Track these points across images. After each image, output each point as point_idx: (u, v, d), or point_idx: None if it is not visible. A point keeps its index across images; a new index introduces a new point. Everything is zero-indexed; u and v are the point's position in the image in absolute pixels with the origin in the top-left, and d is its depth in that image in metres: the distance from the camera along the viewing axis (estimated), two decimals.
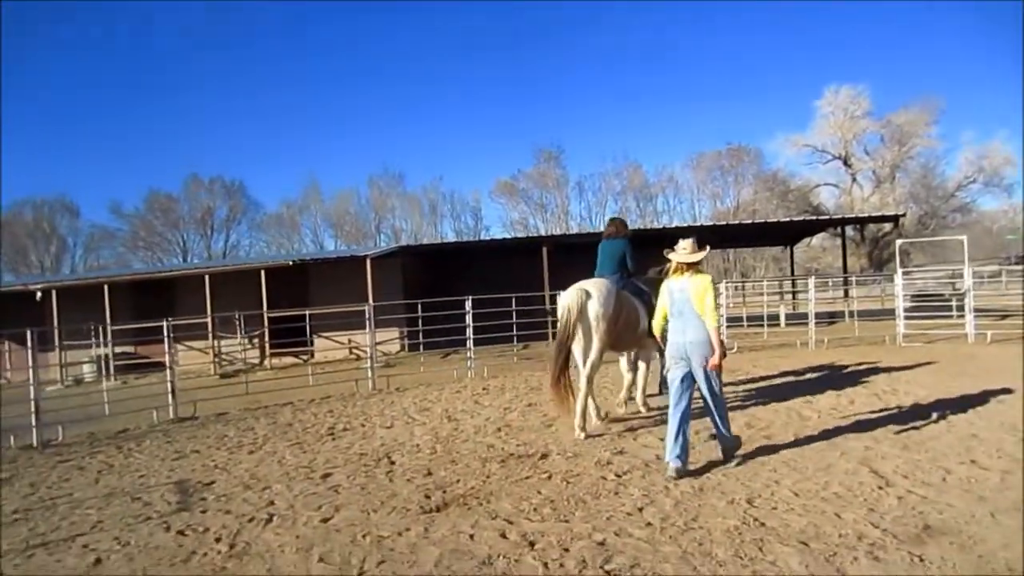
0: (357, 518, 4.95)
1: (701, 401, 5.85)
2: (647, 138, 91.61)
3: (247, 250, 67.12)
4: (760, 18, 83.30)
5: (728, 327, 15.41)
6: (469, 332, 13.03)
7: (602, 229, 8.79)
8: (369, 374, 12.13)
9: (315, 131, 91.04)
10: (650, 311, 7.04)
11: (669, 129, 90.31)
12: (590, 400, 7.33)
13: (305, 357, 19.26)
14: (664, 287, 5.97)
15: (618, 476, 5.55)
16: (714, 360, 5.59)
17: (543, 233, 46.03)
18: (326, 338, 19.64)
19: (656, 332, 6.27)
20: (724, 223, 30.89)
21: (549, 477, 5.63)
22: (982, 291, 18.62)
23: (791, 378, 10.39)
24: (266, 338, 18.56)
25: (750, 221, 26.57)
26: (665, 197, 67.41)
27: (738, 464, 5.74)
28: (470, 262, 23.30)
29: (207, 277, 18.50)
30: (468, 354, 13.06)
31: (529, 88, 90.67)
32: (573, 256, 23.05)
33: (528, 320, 15.38)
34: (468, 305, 12.93)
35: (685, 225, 27.03)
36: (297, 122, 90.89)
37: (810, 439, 6.44)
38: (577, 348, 7.17)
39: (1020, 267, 30.09)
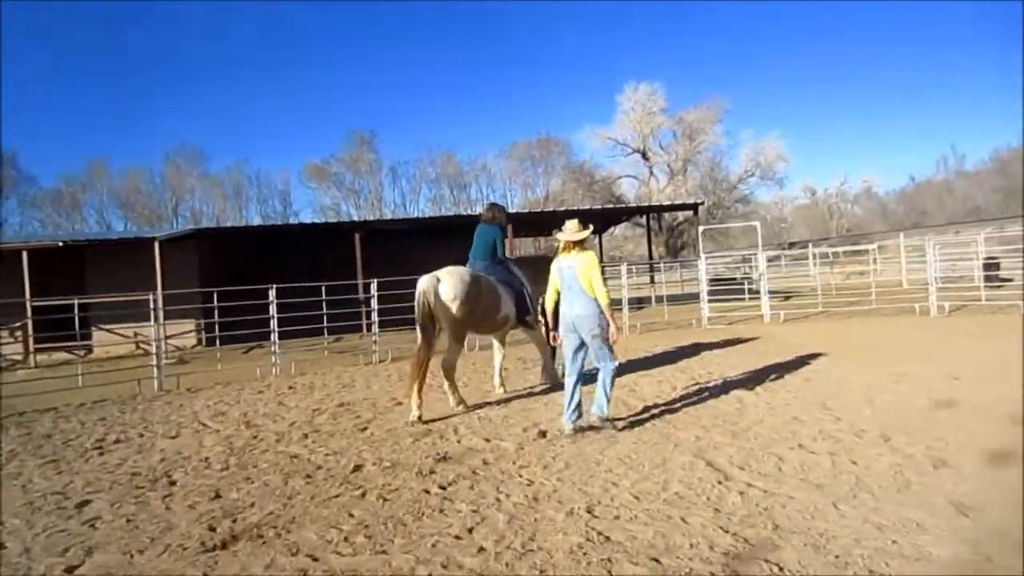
0: (115, 563, 3.88)
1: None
2: (461, 127, 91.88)
3: (16, 229, 58.59)
4: (572, 12, 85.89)
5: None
6: (273, 324, 11.75)
7: (416, 216, 8.54)
8: (155, 372, 10.51)
9: (103, 100, 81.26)
10: (518, 295, 8.03)
11: (483, 119, 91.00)
12: (447, 384, 7.64)
13: (81, 352, 16.69)
14: (554, 265, 6.47)
15: (443, 488, 4.84)
16: (612, 332, 6.13)
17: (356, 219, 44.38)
18: (107, 331, 17.17)
19: (548, 307, 6.85)
20: (537, 211, 31.27)
21: (363, 494, 4.81)
22: (768, 275, 20.12)
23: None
24: (30, 330, 15.81)
25: (564, 209, 26.93)
26: (479, 185, 67.85)
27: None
28: (277, 249, 21.58)
29: None
30: (273, 348, 11.79)
31: (342, 69, 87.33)
32: (388, 242, 22.28)
33: (341, 311, 14.10)
34: (272, 294, 11.63)
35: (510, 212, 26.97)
36: (81, 89, 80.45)
37: (641, 431, 6.16)
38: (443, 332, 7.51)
39: (794, 252, 33.47)
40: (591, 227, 6.62)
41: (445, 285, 7.33)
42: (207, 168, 65.54)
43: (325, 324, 13.27)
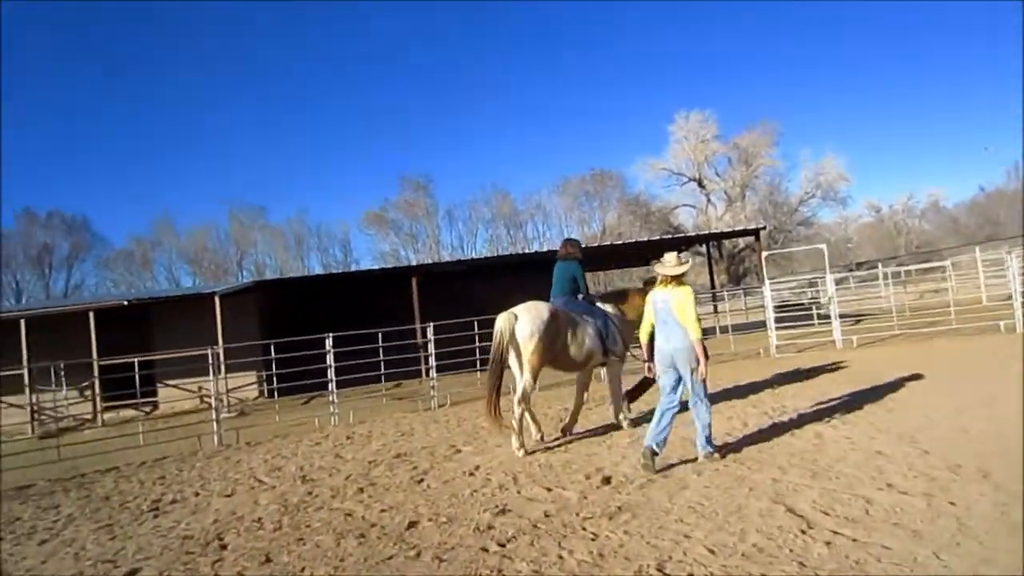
0: None
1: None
2: (514, 166, 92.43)
3: (92, 290, 61.14)
4: (618, 44, 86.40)
5: None
6: (331, 373, 11.72)
7: (473, 256, 8.56)
8: (215, 427, 10.55)
9: (165, 161, 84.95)
10: (601, 330, 7.92)
11: (535, 157, 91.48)
12: (528, 418, 7.67)
13: (147, 409, 17.03)
14: (649, 298, 6.52)
15: (501, 545, 4.54)
16: (701, 369, 6.09)
17: (414, 263, 44.96)
18: (173, 386, 17.50)
19: (642, 340, 6.65)
20: (594, 246, 30.98)
21: (418, 554, 4.55)
22: (837, 298, 19.28)
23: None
24: (97, 389, 16.21)
25: (621, 242, 26.58)
26: (534, 223, 67.84)
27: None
28: (336, 297, 21.77)
29: (23, 322, 16.00)
30: (331, 398, 11.73)
31: (392, 115, 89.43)
32: (446, 285, 22.27)
33: (399, 356, 14.05)
34: (328, 343, 11.61)
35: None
36: (144, 150, 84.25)
37: (712, 475, 5.75)
38: (515, 370, 7.53)
39: (863, 273, 32.24)
40: (689, 261, 6.71)
41: (522, 322, 7.42)
42: (268, 220, 67.35)
43: (383, 371, 13.08)
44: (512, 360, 7.47)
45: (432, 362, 12.65)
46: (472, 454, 7.70)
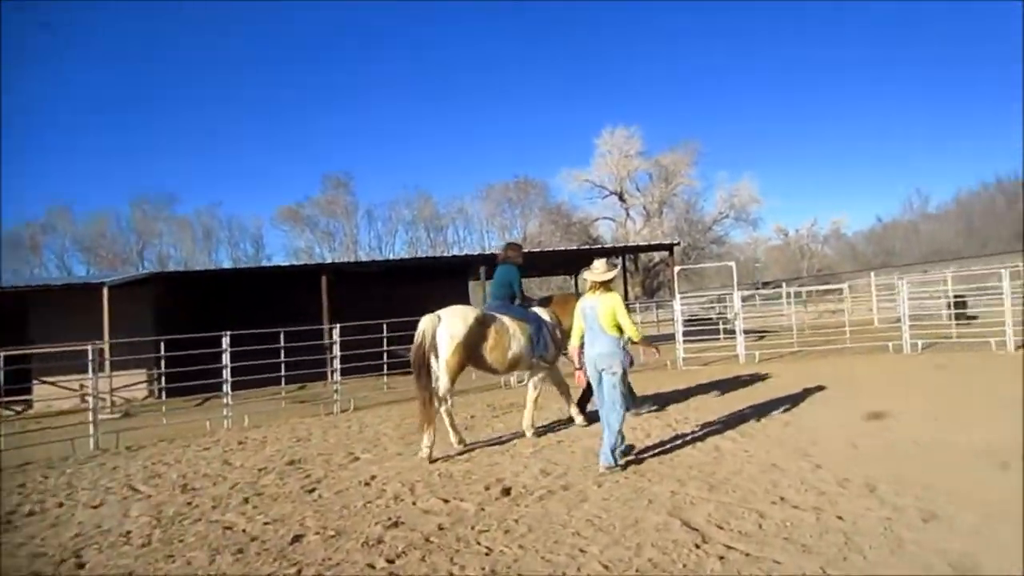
0: None
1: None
2: (438, 169, 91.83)
3: None
4: (544, 55, 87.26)
5: None
6: (226, 374, 11.11)
7: (392, 258, 8.38)
8: (91, 429, 9.76)
9: (69, 143, 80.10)
10: (535, 336, 7.97)
11: (460, 161, 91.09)
12: (449, 417, 7.69)
13: (19, 408, 15.70)
14: (579, 304, 6.66)
15: (390, 562, 4.29)
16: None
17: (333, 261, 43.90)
18: (51, 383, 16.23)
19: (573, 346, 6.83)
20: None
21: (298, 572, 4.23)
22: (743, 314, 19.87)
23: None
24: None
25: (540, 250, 26.66)
26: (455, 227, 67.58)
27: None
28: (243, 293, 20.82)
29: None
30: (225, 400, 11.13)
31: (315, 111, 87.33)
32: (360, 286, 21.69)
33: (304, 358, 13.42)
34: (225, 341, 11.01)
35: (476, 254, 26.56)
36: (42, 129, 79.21)
37: (612, 487, 5.67)
38: (435, 370, 7.56)
39: (768, 291, 33.46)
40: (617, 268, 6.99)
41: (445, 324, 7.52)
42: (176, 211, 64.42)
43: (283, 373, 12.45)
44: (433, 361, 7.51)
45: (336, 364, 12.21)
46: (370, 462, 7.40)
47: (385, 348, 13.38)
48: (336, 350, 12.25)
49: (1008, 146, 76.26)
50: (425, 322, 7.55)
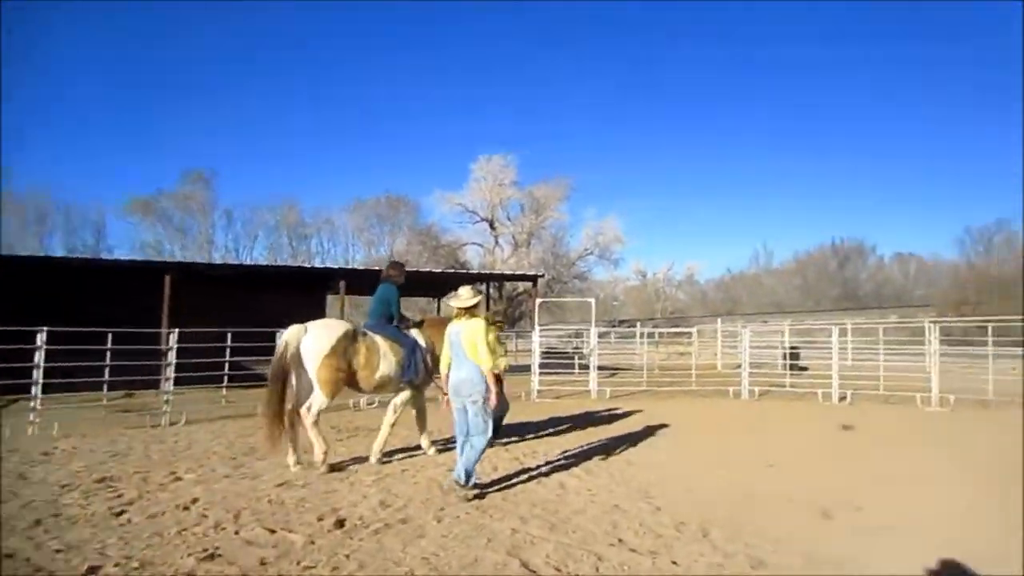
0: None
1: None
2: (307, 178, 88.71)
3: None
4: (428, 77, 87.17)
5: None
6: (37, 374, 9.94)
7: (246, 262, 7.81)
8: None
9: None
10: (408, 357, 7.79)
11: (330, 172, 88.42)
12: (319, 439, 7.38)
13: None
14: (447, 330, 6.63)
15: None
16: (490, 398, 6.27)
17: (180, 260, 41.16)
18: None
19: (442, 372, 6.82)
20: (379, 269, 30.38)
21: None
22: (598, 350, 20.43)
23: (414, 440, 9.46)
24: None
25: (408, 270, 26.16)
26: (320, 238, 65.50)
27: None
28: (73, 287, 18.93)
29: None
30: (33, 404, 9.95)
31: (177, 103, 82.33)
32: (211, 290, 20.34)
33: (138, 363, 12.17)
34: (40, 338, 9.87)
35: (338, 267, 25.69)
36: None
37: (452, 523, 5.47)
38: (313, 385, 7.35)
39: (623, 329, 34.73)
40: (482, 294, 7.01)
41: (311, 337, 7.36)
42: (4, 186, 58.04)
43: (107, 378, 11.33)
44: (292, 377, 7.33)
45: (170, 373, 11.26)
46: (194, 483, 6.78)
47: (228, 359, 12.55)
48: (172, 357, 11.32)
49: (846, 211, 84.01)
50: (289, 333, 7.35)
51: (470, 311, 6.50)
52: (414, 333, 8.16)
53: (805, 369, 19.24)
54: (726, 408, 13.45)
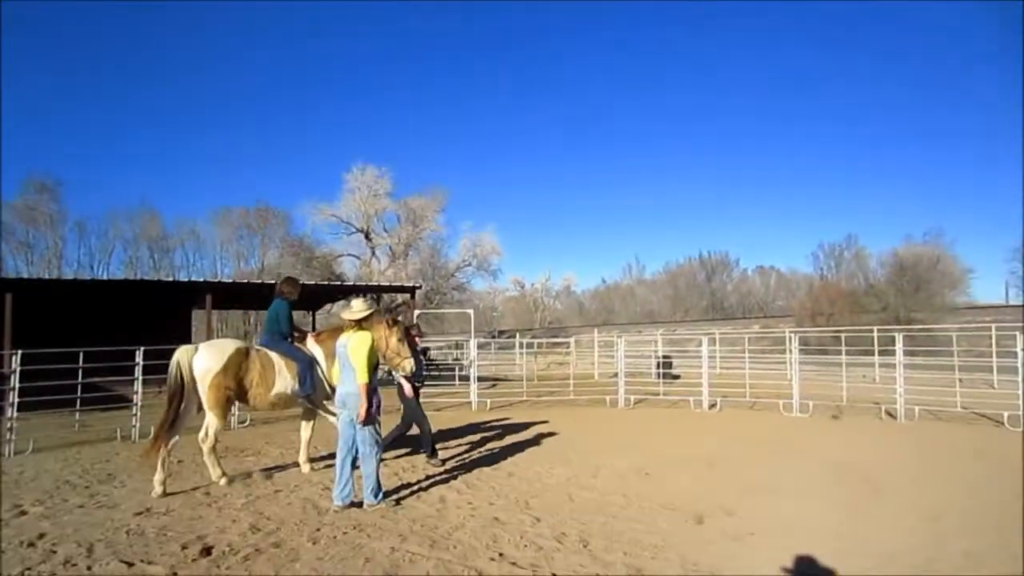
0: None
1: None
2: (167, 186, 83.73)
3: None
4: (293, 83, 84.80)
5: None
6: None
7: (105, 278, 7.38)
8: None
9: None
10: (302, 375, 7.65)
11: (194, 179, 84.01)
12: (215, 464, 7.46)
13: None
14: (337, 343, 6.64)
15: None
16: (360, 412, 6.20)
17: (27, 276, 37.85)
18: None
19: (330, 383, 7.17)
20: (248, 282, 29.07)
21: None
22: (478, 361, 20.46)
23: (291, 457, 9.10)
24: None
25: (275, 282, 25.22)
26: (185, 251, 61.98)
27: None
28: None
29: None
30: None
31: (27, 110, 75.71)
32: (61, 308, 18.73)
33: None
34: None
35: (203, 280, 24.35)
36: None
37: (329, 544, 5.27)
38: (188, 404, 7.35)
39: (503, 340, 35.03)
40: (374, 307, 6.94)
41: (201, 356, 7.36)
42: None
43: None
44: (189, 395, 7.35)
45: (13, 398, 10.22)
46: (41, 517, 6.19)
47: (80, 380, 11.57)
48: (15, 380, 10.30)
49: (712, 226, 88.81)
50: (180, 353, 7.36)
51: (359, 323, 6.51)
52: (311, 346, 8.01)
53: (678, 377, 20.06)
54: (603, 417, 13.77)
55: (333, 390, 7.77)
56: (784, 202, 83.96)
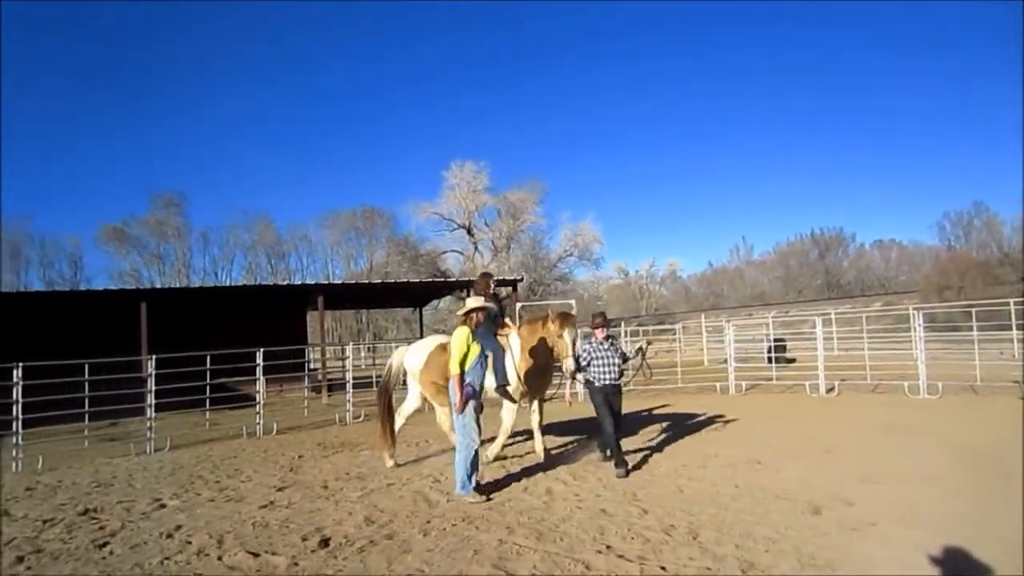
0: None
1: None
2: (280, 193, 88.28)
3: None
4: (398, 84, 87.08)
5: (356, 391, 14.15)
6: (16, 410, 9.77)
7: (221, 284, 7.99)
8: None
9: None
10: (496, 364, 7.81)
11: (304, 186, 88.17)
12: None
13: None
14: None
15: None
16: (456, 404, 6.57)
17: (159, 286, 40.76)
18: None
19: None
20: (357, 283, 30.15)
21: None
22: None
23: (416, 452, 9.41)
24: None
25: (384, 282, 26.11)
26: (298, 255, 65.06)
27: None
28: (52, 320, 18.59)
29: None
30: (15, 439, 9.75)
31: (145, 121, 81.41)
32: (189, 314, 20.07)
33: (119, 391, 11.90)
34: (16, 373, 9.69)
35: (314, 283, 25.45)
36: None
37: (439, 536, 5.41)
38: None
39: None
40: (479, 304, 7.04)
41: (409, 355, 8.56)
42: None
43: (87, 408, 11.09)
44: (408, 384, 8.62)
45: (151, 399, 11.07)
46: (177, 510, 6.70)
47: (208, 381, 12.38)
48: (152, 383, 11.14)
49: (823, 201, 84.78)
50: (395, 353, 8.84)
51: (466, 317, 6.85)
52: (512, 337, 8.20)
53: (792, 361, 19.28)
54: (713, 404, 13.42)
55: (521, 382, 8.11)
56: (901, 170, 79.20)
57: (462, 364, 6.57)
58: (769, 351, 18.98)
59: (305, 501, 6.81)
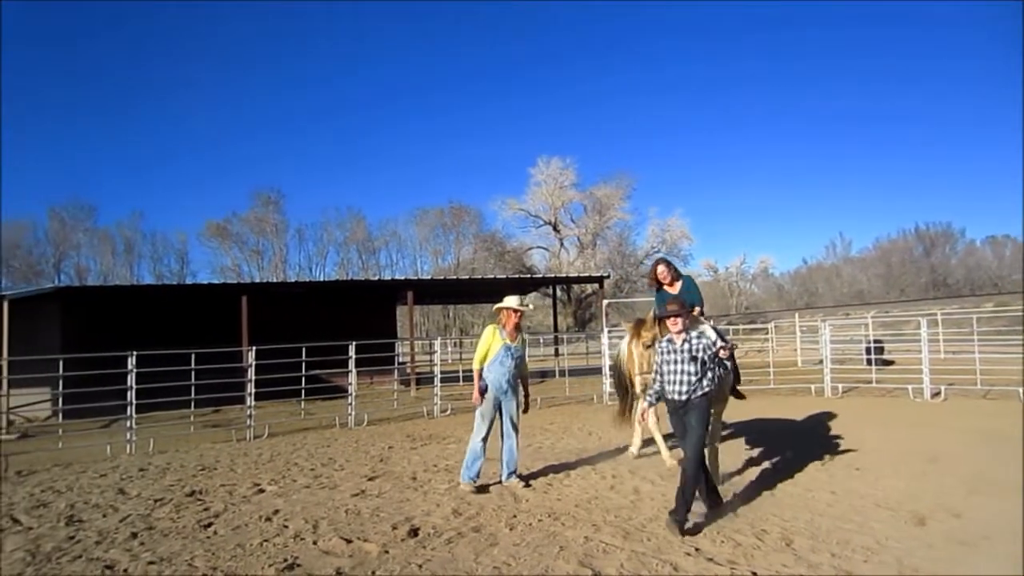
0: None
1: None
2: (371, 191, 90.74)
3: None
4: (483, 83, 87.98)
5: (444, 384, 14.45)
6: (131, 395, 10.48)
7: (316, 279, 8.24)
8: None
9: None
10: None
11: (393, 184, 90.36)
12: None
13: None
14: None
15: None
16: (474, 397, 7.02)
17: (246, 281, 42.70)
18: None
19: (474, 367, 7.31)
20: (445, 279, 30.69)
21: None
22: None
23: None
24: None
25: (471, 277, 26.49)
26: (388, 251, 66.70)
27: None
28: (159, 311, 19.83)
29: None
30: (129, 423, 10.47)
31: (245, 126, 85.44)
32: (285, 308, 20.98)
33: (221, 380, 12.71)
34: (131, 362, 10.40)
35: (403, 278, 26.06)
36: None
37: (525, 531, 5.46)
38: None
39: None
40: (513, 303, 7.28)
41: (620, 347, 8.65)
42: (96, 223, 61.40)
43: (193, 396, 11.87)
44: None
45: (251, 388, 11.64)
46: (275, 495, 7.02)
47: (304, 373, 12.91)
48: (252, 373, 11.72)
49: (927, 194, 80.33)
50: (622, 343, 8.71)
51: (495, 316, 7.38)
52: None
53: (891, 363, 18.41)
54: (808, 407, 12.96)
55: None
56: (1016, 160, 73.84)
57: (483, 359, 7.04)
58: (867, 352, 18.17)
59: (395, 491, 7.01)
